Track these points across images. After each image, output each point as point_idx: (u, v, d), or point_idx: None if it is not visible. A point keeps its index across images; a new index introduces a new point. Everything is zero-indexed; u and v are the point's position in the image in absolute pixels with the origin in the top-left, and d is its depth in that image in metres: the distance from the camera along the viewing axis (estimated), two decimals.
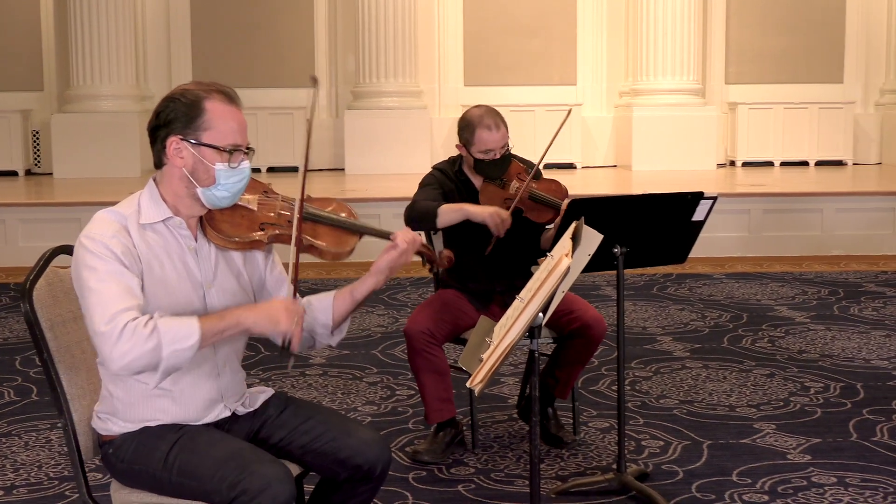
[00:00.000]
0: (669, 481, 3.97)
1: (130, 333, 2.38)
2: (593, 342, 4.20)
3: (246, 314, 2.52)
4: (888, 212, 9.52)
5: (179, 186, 2.60)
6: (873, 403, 4.92)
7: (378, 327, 6.68)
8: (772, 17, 13.30)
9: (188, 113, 2.56)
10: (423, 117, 12.40)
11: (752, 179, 11.27)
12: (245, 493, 2.39)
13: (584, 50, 13.42)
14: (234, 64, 13.06)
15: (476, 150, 4.21)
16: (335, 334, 2.81)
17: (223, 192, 2.59)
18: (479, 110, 4.28)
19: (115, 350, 2.38)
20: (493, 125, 4.19)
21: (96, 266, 2.45)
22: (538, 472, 2.61)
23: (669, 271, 8.45)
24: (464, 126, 4.26)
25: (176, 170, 2.59)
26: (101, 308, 2.41)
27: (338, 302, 2.77)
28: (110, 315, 2.40)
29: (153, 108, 2.66)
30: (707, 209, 3.82)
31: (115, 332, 2.38)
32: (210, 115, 2.56)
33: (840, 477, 3.98)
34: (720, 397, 5.05)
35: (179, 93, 2.60)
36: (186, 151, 2.56)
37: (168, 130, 2.57)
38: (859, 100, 13.48)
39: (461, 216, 4.11)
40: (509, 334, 2.34)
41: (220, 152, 2.56)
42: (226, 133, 2.57)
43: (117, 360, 2.39)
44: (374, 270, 2.75)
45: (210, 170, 2.56)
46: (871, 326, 6.54)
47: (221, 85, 2.64)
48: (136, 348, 2.38)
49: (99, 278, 2.44)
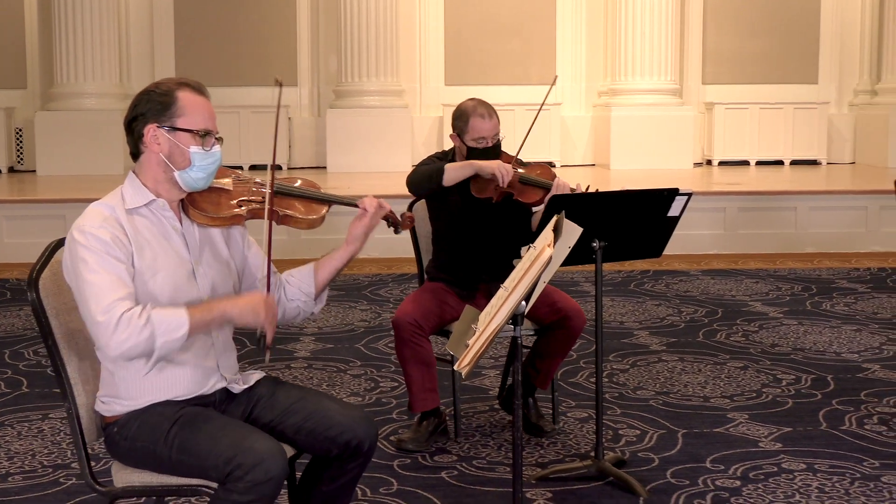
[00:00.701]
0: (645, 468, 4.12)
1: (126, 323, 2.55)
2: (573, 334, 4.35)
3: (230, 307, 2.71)
4: (861, 210, 9.71)
5: (158, 171, 2.78)
6: (843, 395, 5.08)
7: (361, 322, 6.81)
8: (748, 18, 13.49)
9: (162, 102, 2.76)
10: (405, 116, 12.52)
11: (728, 178, 11.45)
12: (240, 468, 2.53)
13: (563, 50, 13.56)
14: (217, 63, 13.14)
15: (469, 138, 4.38)
16: (317, 302, 3.02)
17: (198, 173, 2.78)
18: (472, 102, 4.48)
19: (113, 339, 2.55)
20: (486, 114, 4.38)
21: (87, 258, 2.62)
22: (521, 453, 2.75)
23: (647, 268, 8.61)
24: (458, 115, 4.44)
25: (154, 156, 2.77)
26: (95, 298, 2.57)
27: (318, 271, 3.00)
28: (106, 305, 2.56)
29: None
30: (682, 205, 3.97)
31: (112, 321, 2.55)
32: (182, 103, 2.76)
33: (809, 463, 4.14)
34: (695, 388, 5.20)
35: (153, 87, 2.81)
36: (163, 137, 2.75)
37: (144, 120, 2.76)
38: (833, 100, 13.68)
39: (470, 170, 4.31)
40: (494, 321, 2.48)
41: (194, 136, 2.76)
42: (197, 119, 2.78)
43: (115, 349, 2.56)
44: (351, 238, 2.98)
45: (185, 153, 2.76)
46: (843, 321, 6.71)
47: (190, 79, 2.85)
48: (132, 338, 2.55)
49: (91, 269, 2.60)
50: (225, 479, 2.55)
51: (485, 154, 4.40)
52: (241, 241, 2.98)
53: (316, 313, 3.06)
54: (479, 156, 4.40)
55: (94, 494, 3.73)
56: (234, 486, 2.54)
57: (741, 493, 3.84)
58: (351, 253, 2.99)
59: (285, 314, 3.00)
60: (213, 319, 2.69)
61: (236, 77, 13.01)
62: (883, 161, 12.60)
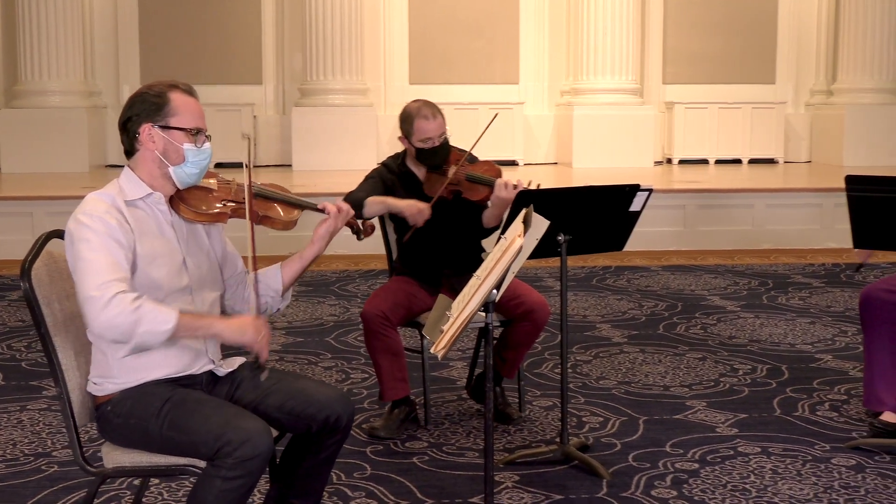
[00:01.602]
0: (608, 452, 4.29)
1: (118, 303, 2.71)
2: (538, 325, 4.52)
3: (218, 323, 2.89)
4: (816, 208, 9.96)
5: (153, 168, 2.96)
6: (796, 383, 5.29)
7: (330, 316, 6.94)
8: (707, 19, 13.74)
9: (156, 103, 2.94)
10: (369, 114, 12.64)
11: (687, 176, 11.68)
12: (228, 444, 2.69)
13: (526, 50, 13.74)
14: (182, 60, 13.19)
15: (416, 139, 4.53)
16: (284, 299, 3.23)
17: (192, 168, 2.97)
18: (416, 103, 4.63)
19: (102, 314, 2.70)
20: (430, 115, 4.53)
21: (90, 238, 2.78)
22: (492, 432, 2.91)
23: (608, 263, 8.81)
24: (404, 118, 4.59)
25: (149, 153, 2.95)
26: (92, 275, 2.73)
27: (285, 269, 3.21)
28: (101, 282, 2.72)
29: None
30: (643, 200, 4.15)
31: (105, 298, 2.70)
32: (175, 104, 2.94)
33: (764, 447, 4.33)
34: (655, 378, 5.39)
35: (146, 88, 2.99)
36: (158, 136, 2.93)
37: (140, 120, 2.93)
38: (790, 100, 13.97)
39: (384, 208, 4.48)
40: (468, 307, 2.63)
41: (187, 133, 2.94)
42: (189, 118, 2.96)
43: (100, 325, 2.72)
44: (316, 238, 3.20)
45: (179, 150, 2.94)
46: (797, 314, 6.93)
47: (180, 81, 3.03)
48: (118, 317, 2.70)
49: (91, 248, 2.76)
50: (214, 455, 2.70)
51: (432, 153, 4.55)
52: (219, 238, 3.17)
53: (282, 309, 3.29)
54: (428, 156, 4.55)
55: (77, 480, 3.89)
56: (222, 462, 2.69)
57: (699, 475, 4.02)
58: (315, 253, 3.21)
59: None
60: (200, 328, 2.86)
61: (201, 75, 13.04)
62: (838, 160, 12.88)
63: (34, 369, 5.61)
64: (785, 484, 3.93)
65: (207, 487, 2.72)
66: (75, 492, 3.86)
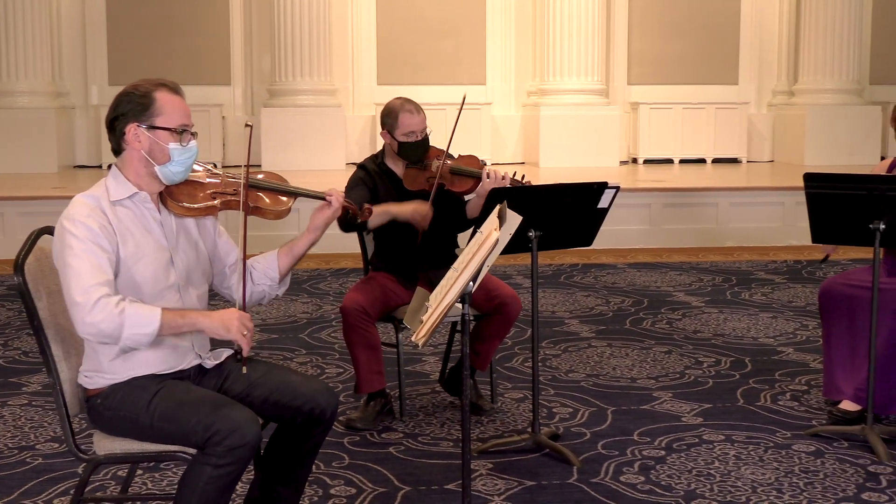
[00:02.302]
0: (578, 441, 4.44)
1: (102, 307, 2.80)
2: (510, 318, 4.65)
3: (203, 319, 2.96)
4: (778, 206, 10.18)
5: (139, 167, 3.04)
6: (759, 374, 5.46)
7: (303, 314, 7.05)
8: (671, 21, 13.95)
9: (142, 103, 3.02)
10: (338, 115, 12.74)
11: (652, 176, 11.86)
12: (218, 434, 2.79)
13: (492, 51, 13.89)
14: (150, 61, 13.21)
15: (400, 134, 4.66)
16: (281, 285, 3.32)
17: (177, 167, 3.05)
18: (399, 100, 4.77)
19: (87, 318, 2.80)
20: (414, 110, 4.67)
21: (73, 244, 2.87)
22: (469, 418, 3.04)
23: (576, 261, 8.97)
24: (387, 113, 4.71)
25: (135, 152, 3.03)
26: (76, 280, 2.82)
27: (282, 257, 3.30)
28: (85, 287, 2.81)
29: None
30: (611, 197, 4.30)
31: (90, 303, 2.79)
32: (160, 103, 3.02)
33: (728, 435, 4.50)
34: (623, 371, 5.54)
35: (132, 88, 3.06)
36: (143, 135, 3.01)
37: (126, 120, 3.01)
38: (753, 100, 14.20)
39: (387, 218, 4.56)
40: (446, 297, 2.76)
41: (172, 133, 3.02)
42: (174, 117, 3.04)
43: (87, 327, 2.81)
44: (312, 227, 3.28)
45: (165, 149, 3.02)
46: (760, 309, 7.12)
47: (166, 79, 3.11)
48: (104, 321, 2.80)
49: (74, 254, 2.85)
50: (204, 444, 2.81)
51: (415, 147, 4.68)
52: (212, 230, 3.25)
53: (280, 295, 3.35)
54: (411, 149, 4.68)
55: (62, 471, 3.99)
56: (212, 450, 2.80)
57: (665, 462, 4.18)
58: (311, 241, 3.30)
59: (252, 297, 3.27)
60: (184, 325, 2.93)
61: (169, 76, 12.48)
62: (800, 159, 13.12)
63: (12, 366, 5.68)
64: (748, 469, 4.09)
65: (198, 474, 2.82)
66: (61, 482, 3.96)
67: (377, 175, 4.74)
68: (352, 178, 4.77)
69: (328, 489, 3.91)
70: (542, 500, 3.81)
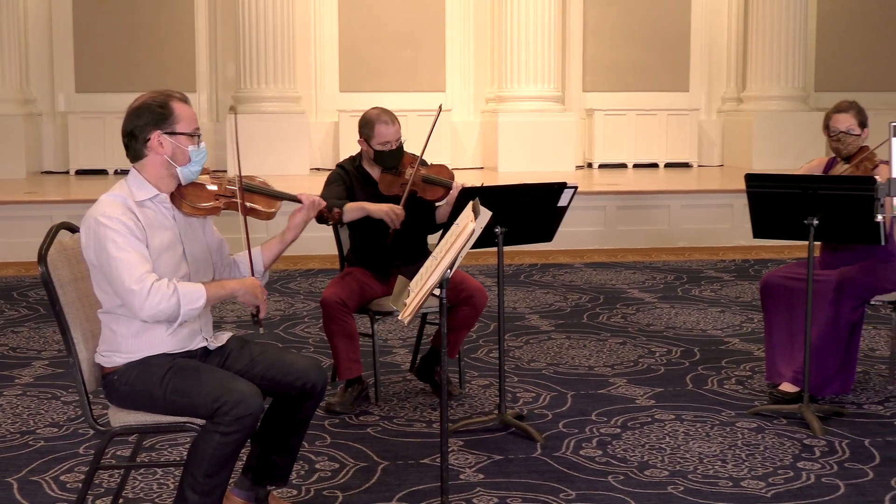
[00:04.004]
0: (541, 421, 4.82)
1: (157, 291, 3.17)
2: (478, 308, 5.03)
3: (238, 287, 3.39)
4: (727, 208, 10.65)
5: (161, 170, 3.39)
6: (707, 362, 5.88)
7: (276, 311, 7.38)
8: (624, 31, 14.42)
9: (162, 113, 3.37)
10: (302, 121, 13.03)
11: (607, 179, 12.30)
12: (226, 404, 3.15)
13: (452, 59, 14.27)
14: (117, 69, 13.48)
15: (376, 143, 5.02)
16: (264, 277, 3.72)
17: (195, 166, 3.43)
18: (376, 110, 5.11)
19: (147, 303, 3.17)
20: (389, 121, 5.03)
21: (117, 239, 3.20)
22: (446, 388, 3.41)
23: (535, 261, 9.37)
24: (364, 123, 5.07)
25: (159, 157, 3.38)
26: (128, 271, 3.17)
27: (265, 252, 3.70)
28: (138, 276, 3.17)
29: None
30: (570, 196, 4.69)
31: (145, 289, 3.16)
32: (178, 112, 3.39)
33: (677, 414, 4.90)
34: (581, 360, 5.94)
35: (149, 100, 3.39)
36: (166, 141, 3.36)
37: (148, 129, 3.36)
38: (703, 107, 14.70)
39: (362, 213, 4.93)
40: (429, 281, 3.13)
41: (190, 137, 3.39)
42: (189, 123, 3.40)
43: (147, 311, 3.18)
44: (292, 226, 3.67)
45: (185, 152, 3.38)
46: (709, 304, 7.55)
47: (174, 91, 3.46)
48: (162, 303, 3.18)
49: (120, 248, 3.19)
50: (213, 414, 3.16)
51: (390, 156, 5.04)
52: (211, 227, 3.62)
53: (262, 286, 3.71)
54: (385, 158, 5.04)
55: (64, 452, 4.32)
56: (220, 419, 3.15)
57: (621, 438, 4.58)
58: (291, 238, 3.68)
59: None
60: (224, 296, 3.37)
61: (135, 83, 13.31)
62: (748, 163, 13.61)
63: (2, 361, 5.96)
64: (695, 443, 4.50)
65: (208, 441, 3.18)
66: (65, 461, 4.28)
67: (354, 177, 5.10)
68: (331, 175, 5.13)
69: (313, 464, 4.27)
70: (509, 471, 4.19)
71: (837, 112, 5.20)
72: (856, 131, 5.16)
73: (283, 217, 3.70)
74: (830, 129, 5.21)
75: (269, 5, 12.66)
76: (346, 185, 5.06)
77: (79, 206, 9.57)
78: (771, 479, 4.09)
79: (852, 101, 5.27)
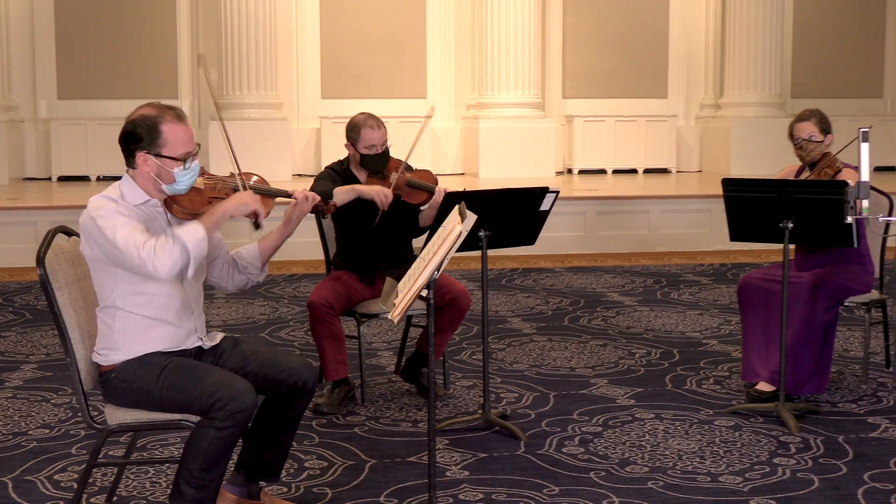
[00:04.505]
0: (524, 420, 4.94)
1: (161, 248, 3.27)
2: (462, 311, 5.15)
3: (226, 205, 3.46)
4: (705, 213, 10.80)
5: (149, 183, 3.49)
6: (686, 363, 6.00)
7: (261, 315, 7.47)
8: (603, 38, 14.57)
9: (149, 135, 3.43)
10: (284, 128, 13.10)
11: (587, 185, 12.44)
12: (220, 400, 3.25)
13: (433, 66, 14.39)
14: (99, 75, 13.53)
15: (362, 147, 5.14)
16: (262, 272, 3.80)
17: (181, 185, 3.49)
18: (363, 115, 5.23)
19: (158, 262, 3.26)
20: (376, 126, 5.15)
21: (115, 224, 3.31)
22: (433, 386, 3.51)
23: (516, 266, 9.49)
24: (351, 127, 5.19)
25: (145, 174, 3.47)
26: (132, 244, 3.27)
27: (262, 247, 3.78)
28: (140, 245, 3.27)
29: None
30: (552, 201, 4.81)
31: (151, 253, 3.26)
32: (166, 135, 3.43)
33: (657, 413, 5.02)
34: (562, 362, 6.06)
35: (140, 119, 3.44)
36: (152, 162, 3.44)
37: (136, 147, 3.44)
38: (681, 113, 14.88)
39: (354, 195, 5.04)
40: (417, 283, 3.24)
41: (176, 161, 3.44)
42: (178, 147, 3.45)
43: (163, 269, 3.27)
44: (286, 221, 3.77)
45: (170, 173, 3.46)
46: (688, 307, 7.69)
47: (171, 108, 3.50)
48: (170, 258, 3.27)
49: (117, 228, 3.30)
50: (208, 410, 3.26)
51: (376, 159, 5.16)
52: None
53: (261, 281, 3.85)
54: (371, 161, 5.16)
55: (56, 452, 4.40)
56: (215, 415, 3.25)
57: (602, 436, 4.69)
58: (287, 233, 3.78)
59: (234, 282, 3.77)
60: (219, 219, 3.43)
61: (118, 89, 13.42)
62: (726, 169, 13.75)
63: None
64: (675, 441, 4.62)
65: (203, 436, 3.27)
66: (58, 461, 4.36)
67: (342, 179, 5.21)
68: (320, 173, 5.26)
69: (303, 463, 4.36)
70: (494, 468, 4.30)
71: (799, 121, 5.38)
72: (818, 138, 5.32)
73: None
74: (794, 137, 5.38)
75: (251, 13, 12.74)
76: (336, 183, 5.16)
77: (62, 213, 9.66)
78: (748, 474, 4.22)
79: (814, 109, 5.45)
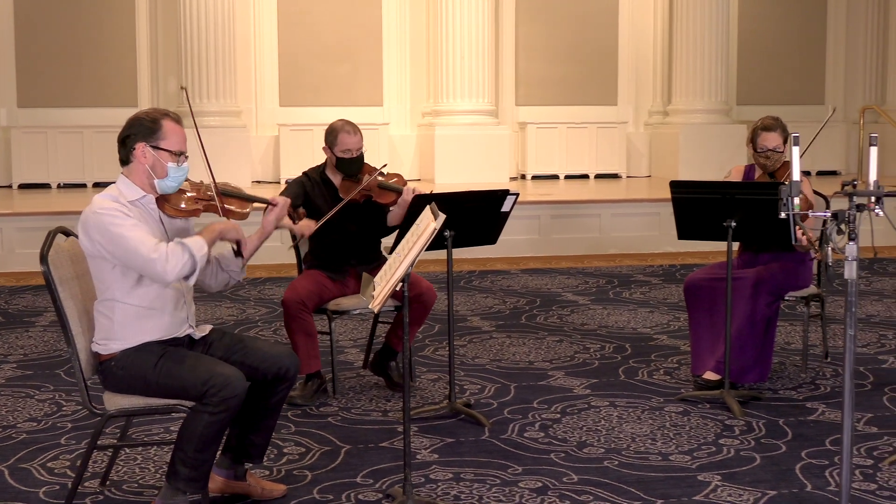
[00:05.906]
0: (487, 409, 5.26)
1: (172, 253, 3.57)
2: (427, 306, 5.46)
3: (221, 228, 3.79)
4: (655, 216, 11.18)
5: (143, 177, 3.78)
6: (637, 356, 6.36)
7: (230, 316, 7.73)
8: (555, 47, 14.94)
9: (151, 127, 3.75)
10: (243, 135, 13.28)
11: (540, 190, 12.80)
12: (213, 387, 3.53)
13: (389, 74, 14.66)
14: (59, 84, 13.64)
15: (338, 150, 5.45)
16: (242, 271, 4.08)
17: (171, 182, 3.80)
18: (341, 121, 5.57)
19: (168, 266, 3.55)
20: (352, 131, 5.47)
21: (122, 223, 3.59)
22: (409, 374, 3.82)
23: (473, 268, 9.81)
24: (329, 132, 5.51)
25: (141, 166, 3.76)
26: (143, 244, 3.56)
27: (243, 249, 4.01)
28: (152, 246, 3.56)
29: None
30: (512, 203, 5.15)
31: (162, 256, 3.55)
32: (165, 130, 3.76)
33: (611, 401, 5.37)
34: (521, 356, 6.39)
35: (143, 115, 3.79)
36: (149, 153, 3.74)
37: (136, 139, 3.74)
38: (631, 120, 15.27)
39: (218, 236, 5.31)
40: (394, 277, 3.55)
41: (172, 155, 3.74)
42: (174, 142, 3.77)
43: (171, 272, 3.56)
44: (266, 224, 4.04)
45: (164, 166, 3.75)
46: (639, 305, 8.05)
47: (170, 111, 3.85)
48: (178, 263, 3.57)
49: (128, 228, 3.59)
50: (202, 396, 3.54)
51: (350, 163, 5.47)
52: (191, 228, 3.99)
53: (241, 280, 4.16)
54: (347, 165, 5.47)
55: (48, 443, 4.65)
56: (209, 400, 3.53)
57: (561, 422, 5.02)
58: (263, 236, 4.05)
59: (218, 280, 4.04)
60: (215, 237, 3.75)
61: (77, 98, 13.56)
62: (674, 174, 14.12)
63: None
64: (628, 426, 4.96)
65: (197, 421, 3.56)
66: (50, 451, 4.61)
67: (317, 183, 5.50)
68: (293, 180, 5.54)
69: (281, 449, 4.65)
70: (461, 451, 4.62)
71: (766, 130, 5.62)
72: (781, 149, 5.64)
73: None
74: (758, 146, 5.64)
75: (209, 21, 12.93)
76: (305, 189, 5.45)
77: (24, 219, 9.85)
78: (695, 453, 4.57)
79: (776, 117, 5.70)
